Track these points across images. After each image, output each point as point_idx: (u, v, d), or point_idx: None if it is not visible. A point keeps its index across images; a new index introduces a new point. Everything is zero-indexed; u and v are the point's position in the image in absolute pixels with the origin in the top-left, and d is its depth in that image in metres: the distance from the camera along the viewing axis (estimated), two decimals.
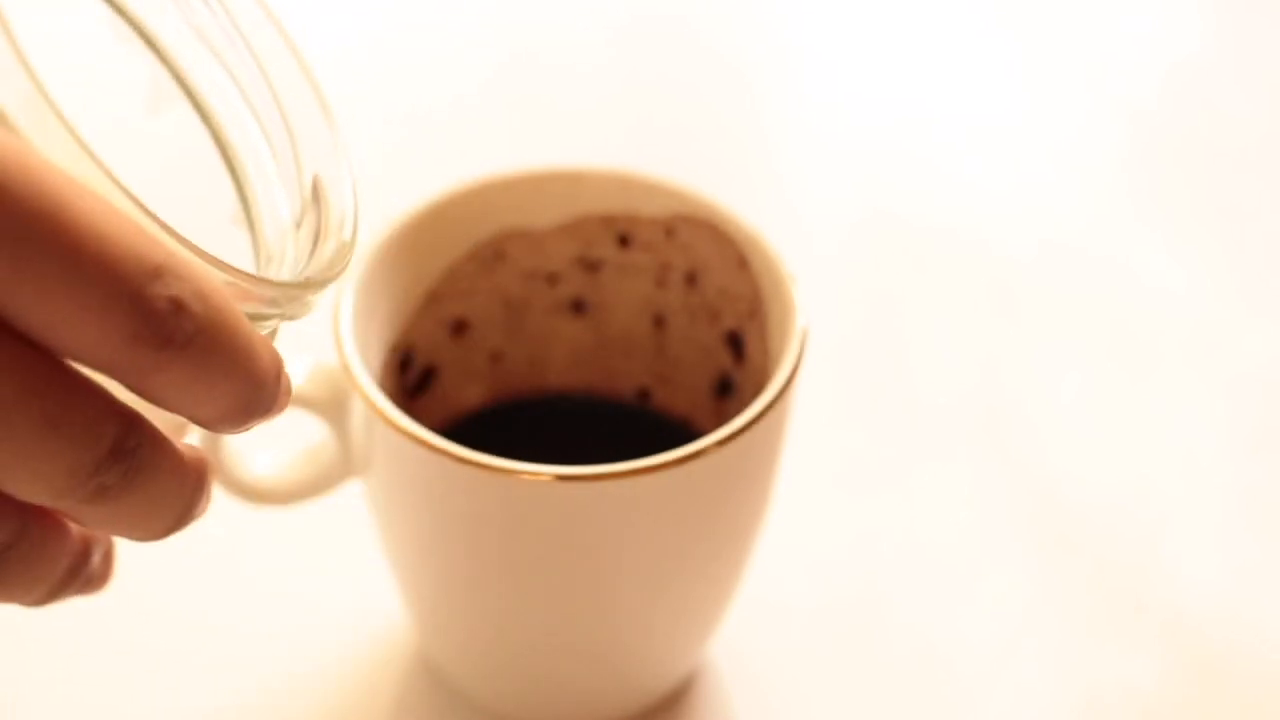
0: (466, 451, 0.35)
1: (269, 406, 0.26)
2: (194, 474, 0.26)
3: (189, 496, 0.26)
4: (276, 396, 0.26)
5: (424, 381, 0.43)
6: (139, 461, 0.25)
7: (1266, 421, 0.51)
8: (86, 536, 0.27)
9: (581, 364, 0.45)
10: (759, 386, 0.39)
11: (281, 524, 0.44)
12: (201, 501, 0.27)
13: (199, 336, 0.24)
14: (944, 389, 0.52)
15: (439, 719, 0.43)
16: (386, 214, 0.41)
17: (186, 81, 0.31)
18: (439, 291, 0.42)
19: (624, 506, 0.36)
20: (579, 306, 0.44)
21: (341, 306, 0.38)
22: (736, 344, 0.42)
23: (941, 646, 0.45)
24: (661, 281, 0.43)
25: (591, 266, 0.43)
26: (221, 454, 0.40)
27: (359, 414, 0.38)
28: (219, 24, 0.31)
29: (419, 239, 0.41)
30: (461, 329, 0.44)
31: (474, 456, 0.35)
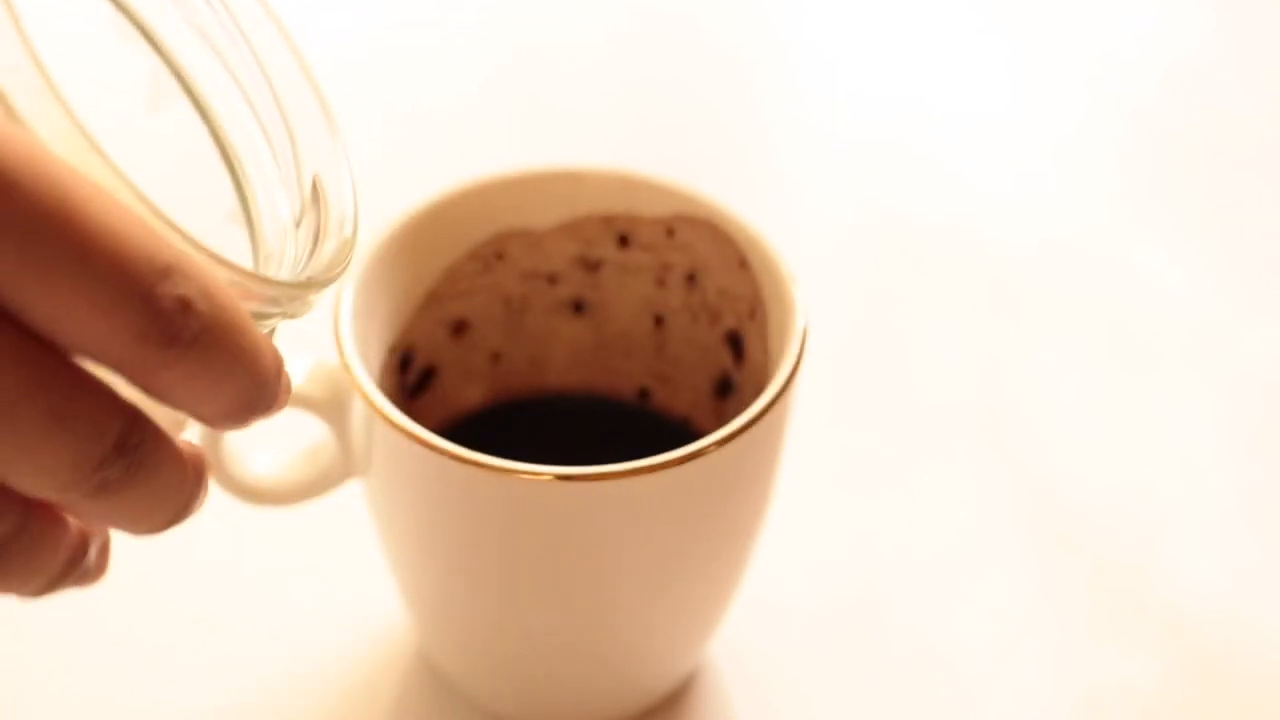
0: (466, 451, 0.35)
1: (270, 404, 0.26)
2: (193, 470, 0.27)
3: (188, 492, 0.27)
4: (277, 394, 0.26)
5: (424, 381, 0.43)
6: (141, 457, 0.25)
7: (1266, 421, 0.51)
8: (84, 530, 0.27)
9: (581, 364, 0.45)
10: (759, 386, 0.39)
11: (281, 524, 0.44)
12: (199, 497, 0.27)
13: (205, 335, 0.24)
14: (944, 388, 0.52)
15: (439, 719, 0.43)
16: (386, 214, 0.41)
17: (186, 79, 0.31)
18: (439, 291, 0.42)
19: (624, 506, 0.36)
20: (579, 306, 0.44)
21: (341, 306, 0.38)
22: (736, 344, 0.42)
23: (941, 646, 0.45)
24: (662, 281, 0.43)
25: (591, 266, 0.43)
26: (221, 454, 0.40)
27: (359, 414, 0.38)
28: (220, 23, 0.31)
29: (419, 239, 0.41)
30: (461, 329, 0.44)
31: (474, 456, 0.35)
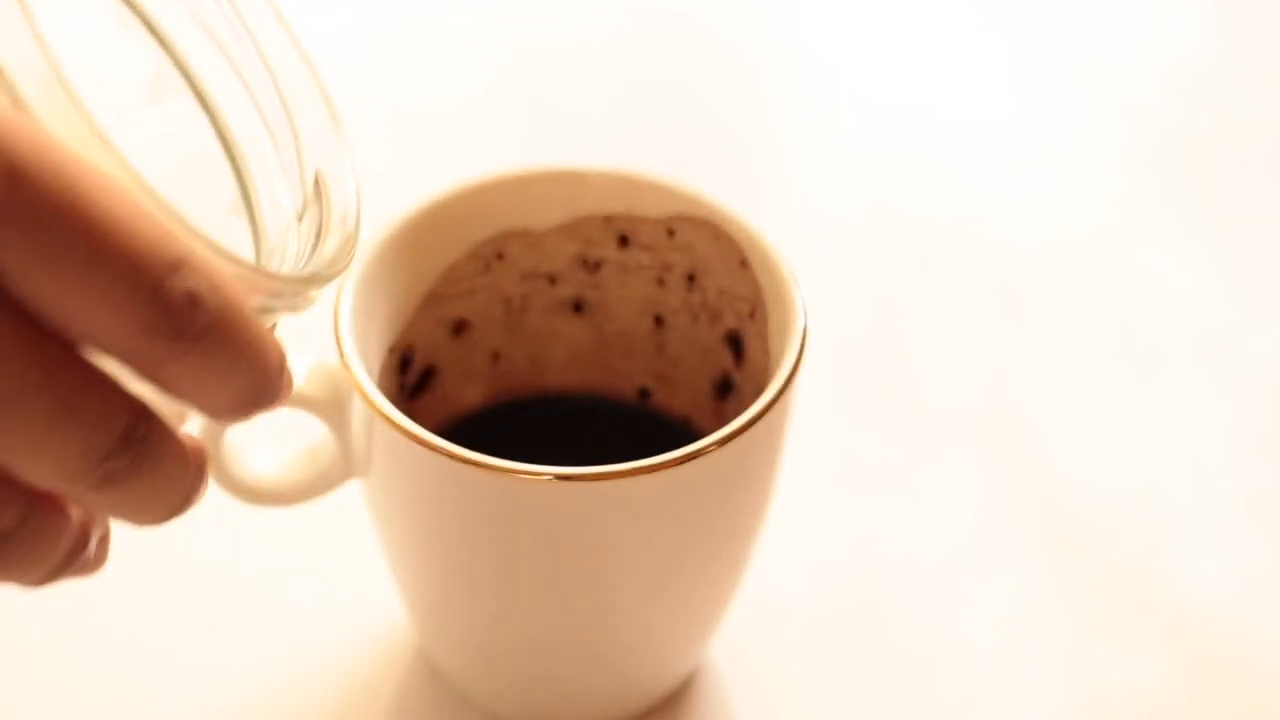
0: (466, 451, 0.35)
1: (273, 398, 0.27)
2: (194, 463, 0.27)
3: (190, 484, 0.27)
4: (280, 388, 0.27)
5: (424, 381, 0.43)
6: (146, 449, 0.25)
7: (1273, 423, 0.51)
8: (85, 521, 0.27)
9: (581, 364, 0.45)
10: (759, 386, 0.39)
11: (281, 524, 0.44)
12: (200, 490, 0.27)
13: (212, 329, 0.25)
14: (949, 390, 0.52)
15: (439, 719, 0.43)
16: (387, 214, 0.41)
17: (189, 72, 0.31)
18: (439, 291, 0.42)
19: (624, 506, 0.36)
20: (579, 306, 0.44)
21: (341, 306, 0.38)
22: (737, 344, 0.42)
23: (944, 647, 0.45)
24: (662, 281, 0.43)
25: (592, 266, 0.43)
26: (221, 454, 0.40)
27: (359, 414, 0.38)
28: (223, 16, 0.31)
29: (419, 239, 0.41)
30: (461, 329, 0.43)
31: (474, 456, 0.35)
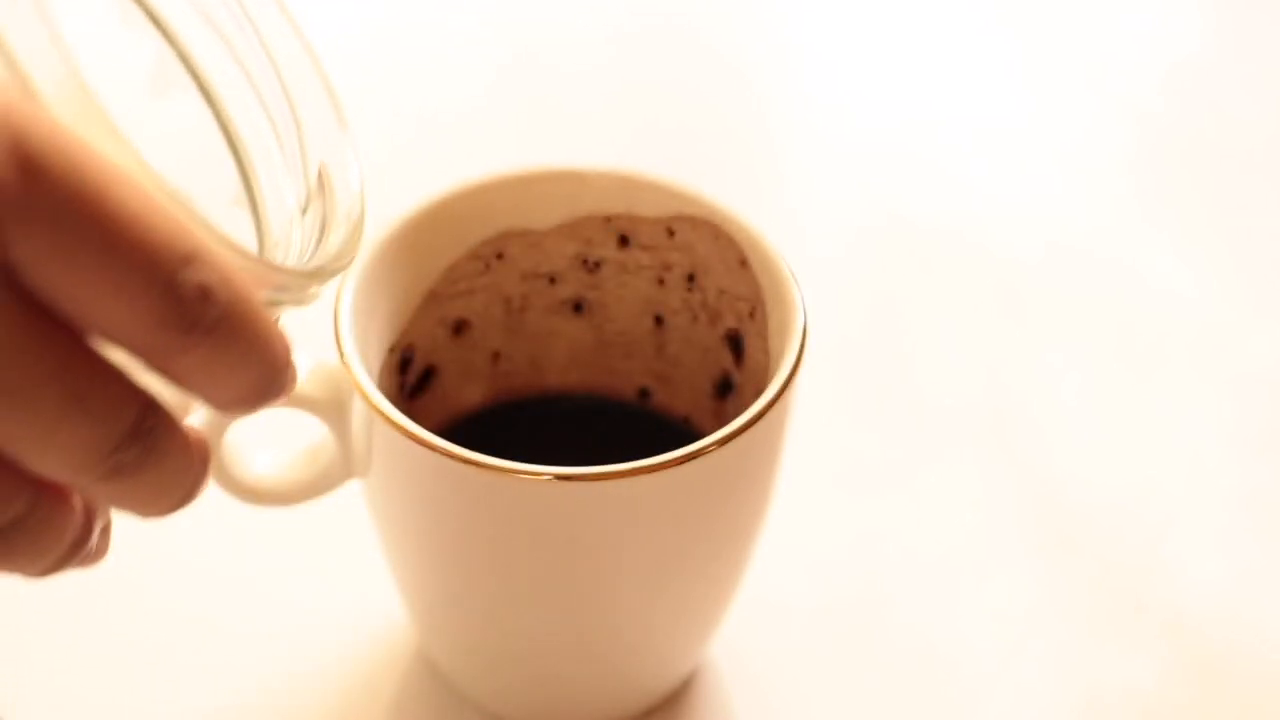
0: (466, 451, 0.35)
1: (280, 390, 0.27)
2: (199, 456, 0.27)
3: (195, 477, 0.27)
4: (287, 381, 0.27)
5: (424, 381, 0.43)
6: (154, 442, 0.26)
7: (1272, 423, 0.51)
8: (89, 511, 0.27)
9: (581, 364, 0.45)
10: (759, 386, 0.39)
11: (281, 524, 0.44)
12: (203, 483, 0.28)
13: (223, 322, 0.25)
14: (948, 390, 0.52)
15: (439, 719, 0.43)
16: (387, 214, 0.41)
17: (192, 64, 0.31)
18: (439, 291, 0.42)
19: (624, 506, 0.36)
20: (579, 306, 0.44)
21: (341, 306, 0.38)
22: (737, 344, 0.42)
23: (942, 646, 0.45)
24: (662, 281, 0.43)
25: (592, 266, 0.43)
26: (221, 454, 0.40)
27: (359, 414, 0.38)
28: (227, 9, 0.31)
29: (419, 239, 0.41)
30: (461, 329, 0.44)
31: (474, 456, 0.35)
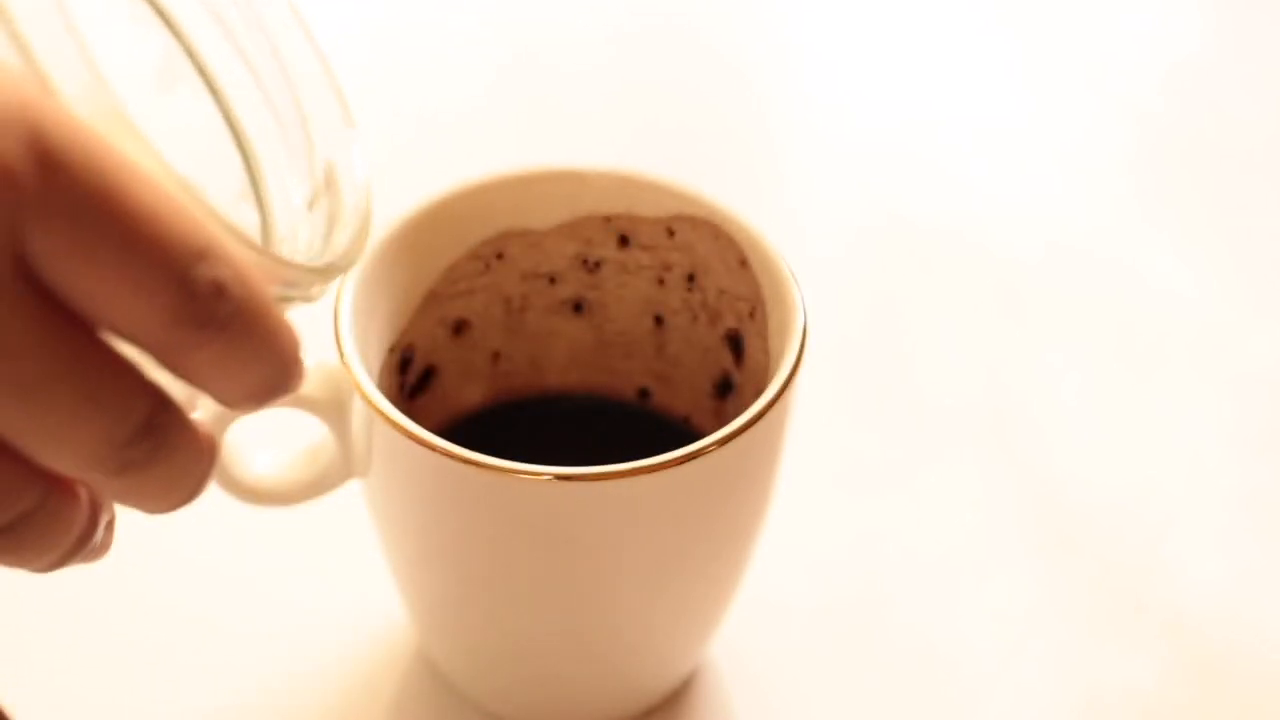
0: (466, 451, 0.35)
1: (290, 386, 0.27)
2: (208, 452, 0.27)
3: (203, 473, 0.27)
4: (296, 377, 0.27)
5: (424, 381, 0.43)
6: (165, 438, 0.26)
7: (1272, 423, 0.51)
8: (95, 506, 0.27)
9: (581, 364, 0.45)
10: (759, 386, 0.39)
11: (281, 524, 0.44)
12: (210, 478, 0.28)
13: (236, 318, 0.25)
14: (948, 390, 0.52)
15: (439, 719, 0.43)
16: (387, 214, 0.41)
17: (199, 59, 0.31)
18: (439, 291, 0.42)
19: (624, 506, 0.36)
20: (579, 306, 0.44)
21: (341, 306, 0.38)
22: (736, 344, 0.42)
23: (942, 646, 0.45)
24: (662, 281, 0.43)
25: (592, 266, 0.43)
26: (221, 454, 0.40)
27: (359, 414, 0.38)
28: (236, 6, 0.31)
29: (419, 239, 0.41)
30: (461, 329, 0.44)
31: (474, 456, 0.35)
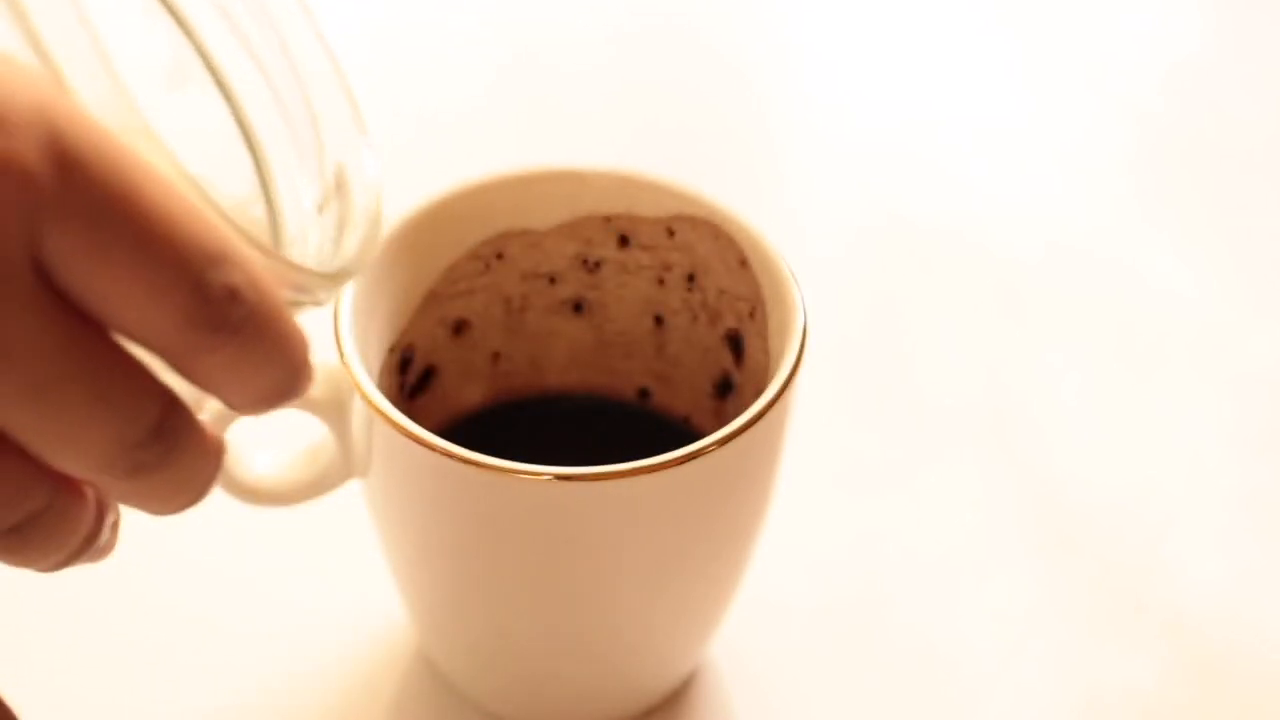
0: (466, 451, 0.35)
1: (299, 391, 0.27)
2: (215, 455, 0.27)
3: (210, 475, 0.27)
4: (306, 381, 0.27)
5: (424, 381, 0.43)
6: (175, 440, 0.26)
7: (1272, 423, 0.51)
8: (101, 506, 0.27)
9: (581, 364, 0.45)
10: (759, 386, 0.39)
11: (281, 524, 0.44)
12: (216, 480, 0.28)
13: (249, 322, 0.25)
14: (948, 389, 0.52)
15: (439, 719, 0.43)
16: (387, 214, 0.41)
17: (209, 59, 0.31)
18: (439, 291, 0.42)
19: (624, 506, 0.36)
20: (579, 306, 0.44)
21: (341, 306, 0.38)
22: (736, 344, 0.42)
23: (942, 646, 0.45)
24: (662, 281, 0.43)
25: (592, 266, 0.43)
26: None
27: (359, 414, 0.38)
28: (248, 7, 0.31)
29: (419, 239, 0.41)
30: (461, 329, 0.44)
31: (474, 456, 0.35)
